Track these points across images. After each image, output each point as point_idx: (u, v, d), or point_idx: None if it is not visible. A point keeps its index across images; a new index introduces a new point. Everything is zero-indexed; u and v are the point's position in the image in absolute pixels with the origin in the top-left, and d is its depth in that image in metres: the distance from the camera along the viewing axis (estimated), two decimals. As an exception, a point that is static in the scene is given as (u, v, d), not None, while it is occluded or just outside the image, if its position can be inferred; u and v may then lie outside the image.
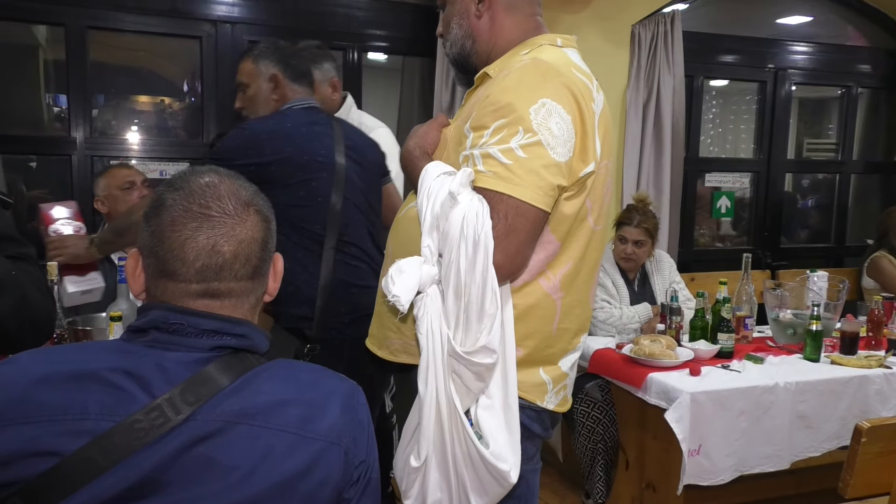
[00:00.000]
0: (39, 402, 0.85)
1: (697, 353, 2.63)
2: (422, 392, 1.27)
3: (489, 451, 1.26)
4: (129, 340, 0.94)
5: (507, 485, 1.29)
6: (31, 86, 3.50)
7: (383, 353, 1.50)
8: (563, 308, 1.40)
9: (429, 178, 1.31)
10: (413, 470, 1.31)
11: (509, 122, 1.27)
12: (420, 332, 1.27)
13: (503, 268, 1.26)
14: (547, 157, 1.26)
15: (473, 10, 1.48)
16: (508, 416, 1.30)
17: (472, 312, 1.24)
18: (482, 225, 1.22)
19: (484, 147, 1.28)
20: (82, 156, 3.16)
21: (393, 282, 1.25)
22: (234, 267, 0.95)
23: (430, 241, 1.28)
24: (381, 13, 3.56)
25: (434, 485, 1.30)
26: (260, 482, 0.87)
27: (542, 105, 1.27)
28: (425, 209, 1.28)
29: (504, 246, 1.25)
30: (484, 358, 1.25)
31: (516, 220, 1.25)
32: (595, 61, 3.90)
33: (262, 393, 0.92)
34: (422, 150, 1.44)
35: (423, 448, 1.28)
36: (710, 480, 2.36)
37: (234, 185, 0.98)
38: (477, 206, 1.24)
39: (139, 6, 3.17)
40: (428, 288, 1.26)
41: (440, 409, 1.26)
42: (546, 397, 1.42)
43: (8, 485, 0.82)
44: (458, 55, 1.53)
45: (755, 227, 4.56)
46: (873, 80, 4.67)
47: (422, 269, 1.26)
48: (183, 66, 3.69)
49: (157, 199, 0.96)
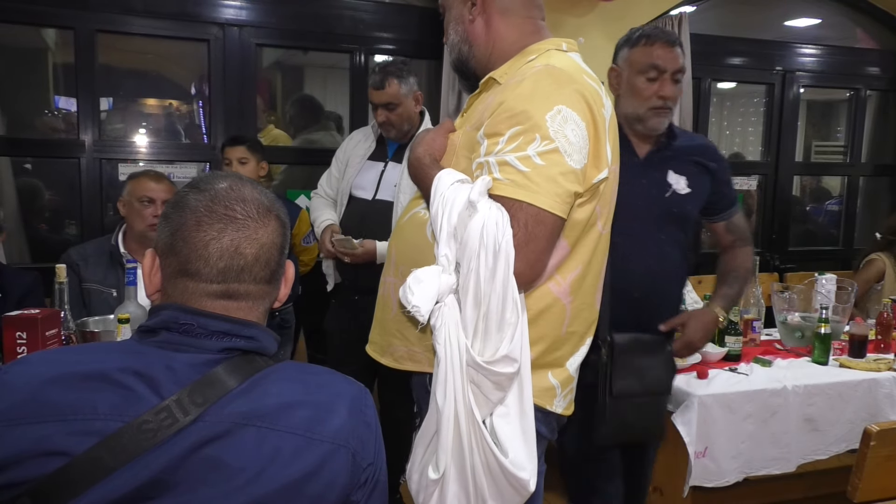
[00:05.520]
0: (49, 402, 0.85)
1: (705, 355, 2.62)
2: (440, 403, 1.25)
3: (508, 459, 1.24)
4: (140, 341, 0.95)
5: (526, 493, 1.27)
6: (40, 89, 3.52)
7: (386, 360, 1.49)
8: (572, 311, 1.41)
9: (443, 186, 1.30)
10: (432, 482, 1.29)
11: (526, 129, 1.26)
12: (438, 342, 1.24)
13: (523, 275, 1.26)
14: (564, 165, 1.26)
15: (467, 14, 1.48)
16: (524, 424, 1.29)
17: (492, 321, 1.23)
18: (503, 234, 1.21)
19: (500, 154, 1.27)
20: (91, 158, 3.18)
21: (412, 292, 1.22)
22: (255, 270, 0.96)
23: (447, 251, 1.26)
24: (388, 16, 3.57)
25: (452, 497, 1.29)
26: (267, 484, 0.87)
27: (558, 112, 1.27)
28: (441, 218, 1.26)
29: (524, 254, 1.24)
30: (505, 367, 1.23)
31: (536, 228, 1.25)
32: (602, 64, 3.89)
33: (271, 395, 0.92)
34: (431, 157, 1.43)
35: (442, 460, 1.26)
36: (714, 482, 2.35)
37: (255, 189, 1.00)
38: (496, 215, 1.23)
39: (147, 9, 3.18)
40: (446, 297, 1.24)
41: (458, 420, 1.24)
42: (555, 402, 1.42)
43: (17, 484, 0.83)
44: (457, 60, 1.54)
45: (763, 230, 4.55)
46: (882, 82, 4.66)
47: (440, 279, 1.24)
48: (191, 70, 3.71)
49: (179, 200, 0.97)
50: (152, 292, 1.00)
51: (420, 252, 1.39)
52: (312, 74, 5.14)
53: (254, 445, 0.88)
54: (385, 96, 2.57)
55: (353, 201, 2.71)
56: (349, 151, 2.78)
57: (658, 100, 1.91)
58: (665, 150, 2.01)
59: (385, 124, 2.63)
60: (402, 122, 2.61)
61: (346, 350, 2.63)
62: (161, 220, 0.98)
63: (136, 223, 2.46)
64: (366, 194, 2.67)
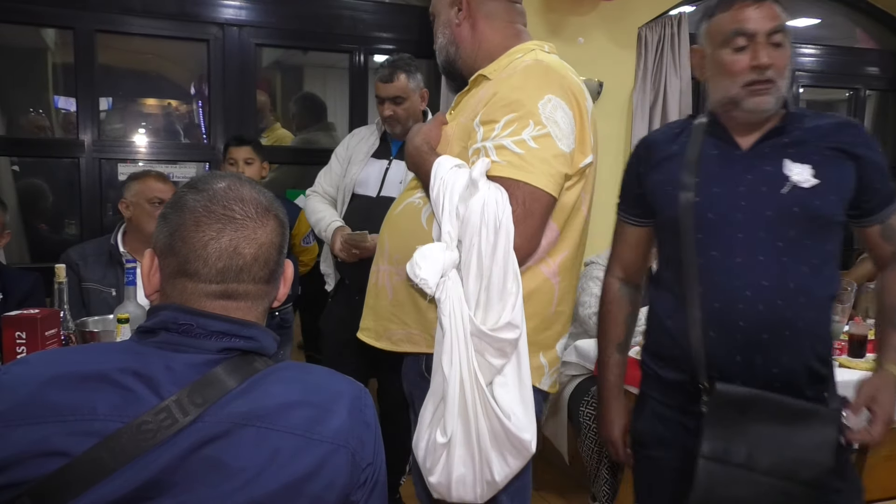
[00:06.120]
0: (49, 402, 0.85)
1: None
2: (446, 371, 1.33)
3: (511, 422, 1.34)
4: (139, 341, 0.95)
5: (527, 454, 1.37)
6: (39, 89, 3.53)
7: (383, 343, 1.56)
8: (560, 292, 1.51)
9: (442, 171, 1.40)
10: (440, 446, 1.37)
11: (520, 115, 1.37)
12: (443, 313, 1.34)
13: (521, 249, 1.36)
14: (556, 148, 1.38)
15: (454, 19, 1.59)
16: (523, 392, 1.38)
17: (494, 292, 1.33)
18: (503, 211, 1.32)
19: (496, 139, 1.38)
20: (90, 158, 3.18)
21: (419, 266, 1.33)
22: (253, 269, 0.96)
23: (450, 228, 1.35)
24: (388, 16, 3.57)
25: (458, 461, 1.37)
26: (267, 484, 0.87)
27: (549, 100, 1.39)
28: (443, 198, 1.36)
29: (522, 229, 1.35)
30: (508, 333, 1.33)
31: (532, 205, 1.36)
32: (602, 63, 3.86)
33: (270, 395, 0.92)
34: (429, 145, 1.52)
35: (450, 424, 1.34)
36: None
37: (254, 189, 1.00)
38: (496, 194, 1.33)
39: (147, 9, 3.18)
40: (449, 272, 1.34)
41: (464, 386, 1.33)
42: (543, 380, 1.53)
43: (17, 484, 0.83)
44: (445, 61, 1.65)
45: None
46: (882, 82, 4.66)
47: (444, 254, 1.34)
48: (190, 69, 3.71)
49: (177, 200, 0.97)
50: (151, 292, 1.00)
51: (414, 239, 1.45)
52: (312, 74, 5.15)
53: (253, 446, 0.88)
54: (393, 89, 2.56)
55: (355, 198, 2.68)
56: (352, 148, 2.75)
57: (752, 72, 1.46)
58: (780, 136, 1.51)
59: (391, 119, 2.61)
60: (408, 118, 2.59)
61: (343, 350, 2.63)
62: (159, 220, 0.98)
63: (147, 224, 2.45)
64: (369, 191, 2.65)
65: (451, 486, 1.38)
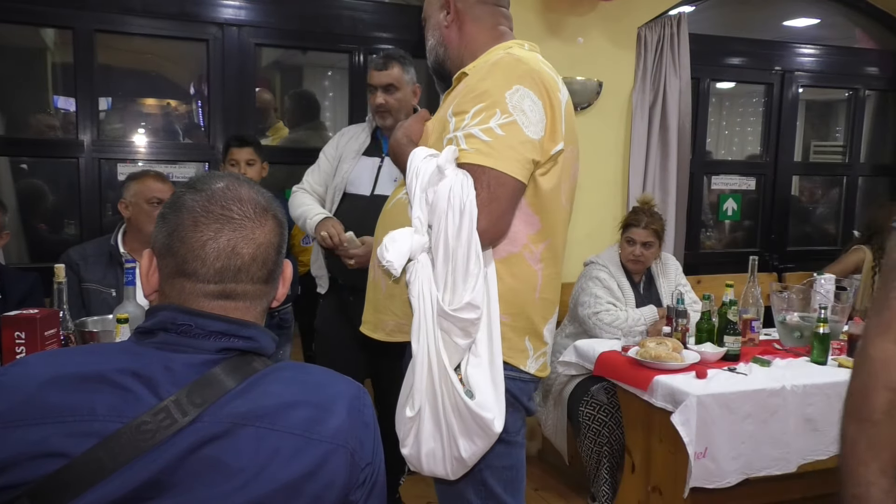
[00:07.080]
0: (48, 403, 0.85)
1: (704, 355, 2.63)
2: (415, 349, 1.41)
3: (474, 401, 1.40)
4: (138, 342, 0.95)
5: (492, 433, 1.41)
6: (39, 88, 3.52)
7: (379, 335, 1.63)
8: (544, 279, 1.57)
9: (416, 160, 1.47)
10: (409, 420, 1.44)
11: (487, 105, 1.44)
12: (412, 295, 1.41)
13: (487, 232, 1.42)
14: (522, 135, 1.44)
15: (443, 21, 1.68)
16: (494, 373, 1.44)
17: (459, 274, 1.39)
18: (467, 195, 1.38)
19: (466, 129, 1.45)
20: (89, 158, 3.18)
21: (387, 249, 1.40)
22: (252, 269, 0.97)
23: (419, 213, 1.42)
24: (387, 16, 3.57)
25: (427, 434, 1.44)
26: (266, 484, 0.88)
27: (517, 91, 1.45)
28: (414, 185, 1.43)
29: (487, 212, 1.41)
30: (469, 313, 1.39)
31: (497, 189, 1.42)
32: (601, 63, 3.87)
33: (269, 395, 0.92)
34: (408, 138, 1.61)
35: (417, 400, 1.42)
36: (715, 483, 2.35)
37: (252, 189, 1.00)
38: (462, 179, 1.40)
39: (146, 9, 3.18)
40: (419, 255, 1.41)
41: (431, 364, 1.40)
42: (528, 362, 1.57)
43: (17, 485, 0.83)
44: (434, 62, 1.74)
45: (762, 230, 4.55)
46: (881, 82, 4.66)
47: (413, 238, 1.41)
48: (190, 69, 3.71)
49: (176, 200, 0.97)
50: (150, 293, 1.00)
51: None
52: (311, 74, 5.14)
53: (253, 445, 0.88)
54: (386, 77, 2.55)
55: (347, 198, 2.63)
56: (342, 147, 2.71)
57: None
58: None
59: (381, 108, 2.57)
60: (400, 109, 2.56)
61: (339, 351, 2.63)
62: (158, 221, 0.98)
63: (146, 224, 2.45)
64: (362, 190, 2.61)
65: (422, 458, 1.46)
